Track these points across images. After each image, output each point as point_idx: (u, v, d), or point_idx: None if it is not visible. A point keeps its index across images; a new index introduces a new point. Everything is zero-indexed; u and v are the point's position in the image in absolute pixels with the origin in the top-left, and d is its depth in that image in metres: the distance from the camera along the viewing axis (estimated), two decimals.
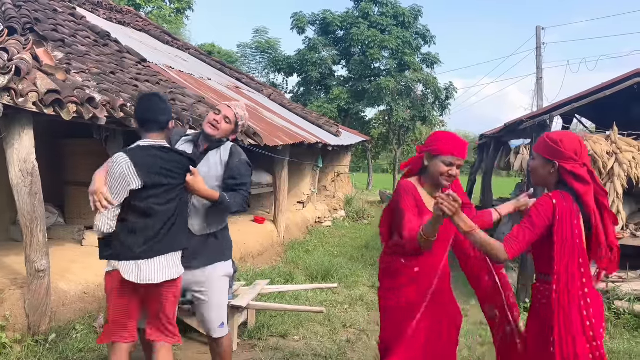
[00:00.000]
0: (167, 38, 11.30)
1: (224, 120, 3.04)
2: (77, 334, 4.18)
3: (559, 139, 2.34)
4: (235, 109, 3.10)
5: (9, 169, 3.74)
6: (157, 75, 6.36)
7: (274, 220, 8.24)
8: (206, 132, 3.04)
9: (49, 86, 3.69)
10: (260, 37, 27.18)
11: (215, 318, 3.14)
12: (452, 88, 23.86)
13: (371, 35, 22.34)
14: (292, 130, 8.52)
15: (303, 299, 5.62)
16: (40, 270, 3.88)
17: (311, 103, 22.80)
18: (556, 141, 2.33)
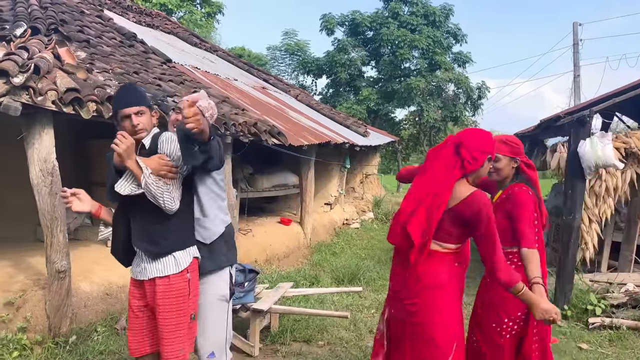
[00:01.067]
0: (195, 40, 11.33)
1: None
2: (98, 335, 4.14)
3: (514, 139, 2.86)
4: (200, 100, 2.73)
5: (30, 169, 3.71)
6: (182, 75, 6.32)
7: (300, 222, 8.11)
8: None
9: (68, 85, 3.64)
10: (289, 39, 27.17)
11: (204, 343, 2.74)
12: (484, 87, 23.34)
13: (401, 35, 22.05)
14: (319, 130, 8.38)
15: (328, 302, 5.46)
16: (61, 271, 3.84)
17: (340, 104, 22.65)
18: (514, 141, 2.84)
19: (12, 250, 5.00)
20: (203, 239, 2.69)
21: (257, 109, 6.94)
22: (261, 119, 6.02)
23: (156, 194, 2.38)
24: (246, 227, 7.13)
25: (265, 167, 7.96)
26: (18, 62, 3.44)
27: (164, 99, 4.71)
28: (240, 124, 5.35)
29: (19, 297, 3.96)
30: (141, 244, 2.51)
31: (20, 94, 3.39)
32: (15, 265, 4.58)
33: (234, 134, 5.24)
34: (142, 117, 2.47)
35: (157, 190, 2.37)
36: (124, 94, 2.52)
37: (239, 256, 6.14)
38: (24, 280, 4.20)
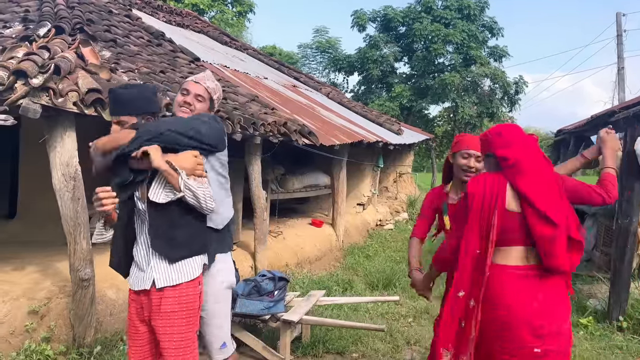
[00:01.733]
0: (225, 39, 11.22)
1: (196, 100, 2.57)
2: (124, 345, 3.98)
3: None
4: (205, 82, 2.63)
5: (52, 173, 3.58)
6: None
7: (332, 224, 7.87)
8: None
9: (90, 85, 3.49)
10: (320, 36, 26.98)
11: (218, 334, 2.65)
12: (522, 82, 22.58)
13: (434, 30, 21.55)
14: (351, 128, 8.11)
15: (362, 310, 5.20)
16: (84, 279, 3.70)
17: (372, 102, 22.30)
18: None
19: (41, 254, 4.92)
20: (215, 225, 2.56)
21: (287, 108, 6.72)
22: (291, 118, 5.80)
23: (199, 196, 2.21)
24: (277, 229, 6.93)
25: (296, 167, 7.75)
26: (38, 62, 3.29)
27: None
28: (270, 123, 5.13)
29: (43, 305, 3.85)
30: (162, 250, 2.29)
31: (40, 96, 3.25)
32: (42, 271, 4.48)
33: (263, 134, 5.03)
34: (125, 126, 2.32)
35: (200, 191, 2.21)
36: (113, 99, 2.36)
37: (269, 262, 6.00)
38: (49, 287, 4.09)
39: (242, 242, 6.01)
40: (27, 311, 3.77)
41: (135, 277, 2.39)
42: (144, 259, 2.34)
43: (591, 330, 4.80)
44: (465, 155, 2.71)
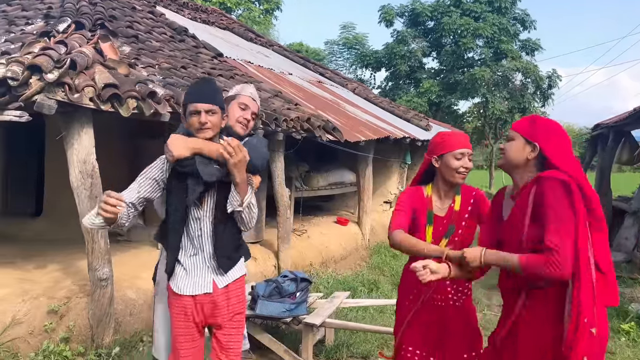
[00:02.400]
0: (250, 35, 11.13)
1: (251, 118, 2.59)
2: (143, 346, 3.91)
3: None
4: (258, 100, 2.68)
5: (69, 171, 3.51)
6: (233, 69, 6.05)
7: (358, 222, 7.69)
8: (237, 132, 2.50)
9: (106, 80, 3.40)
10: (347, 33, 26.70)
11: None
12: (555, 76, 21.89)
13: (464, 24, 21.06)
14: (377, 124, 7.90)
15: (389, 312, 5.00)
16: (103, 279, 3.63)
17: (400, 98, 21.96)
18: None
19: (64, 252, 4.89)
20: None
21: (311, 104, 6.57)
22: (315, 113, 5.64)
23: (254, 214, 2.32)
24: (301, 228, 6.79)
25: (321, 164, 7.58)
26: (53, 57, 3.22)
27: None
28: (292, 119, 4.99)
29: (63, 305, 3.80)
30: (221, 259, 2.36)
31: (56, 91, 3.17)
32: (63, 270, 4.45)
33: (286, 130, 4.89)
34: (212, 116, 2.26)
35: (255, 209, 2.33)
36: (199, 88, 2.33)
37: (293, 261, 5.86)
38: (70, 286, 4.04)
39: (266, 241, 5.89)
40: (47, 311, 3.72)
41: (189, 283, 2.36)
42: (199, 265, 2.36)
43: (633, 337, 4.51)
44: (459, 156, 2.38)
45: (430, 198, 2.49)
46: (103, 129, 5.96)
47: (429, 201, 2.48)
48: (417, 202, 2.47)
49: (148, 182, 2.32)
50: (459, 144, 2.40)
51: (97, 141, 5.97)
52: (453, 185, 2.45)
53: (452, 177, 2.41)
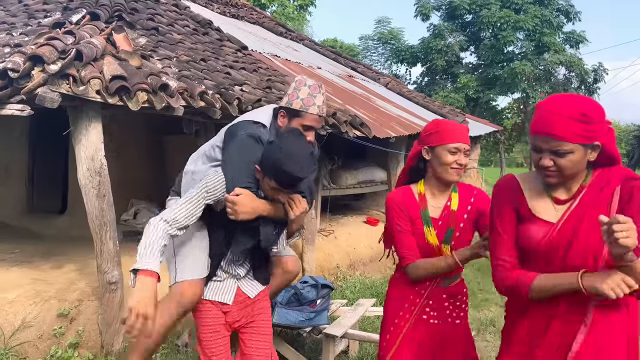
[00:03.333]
0: (280, 29, 10.90)
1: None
2: (157, 353, 3.71)
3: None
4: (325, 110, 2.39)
5: (77, 168, 3.33)
6: (257, 62, 5.81)
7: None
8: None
9: (114, 72, 3.19)
10: (382, 27, 26.26)
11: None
12: (601, 70, 20.86)
13: (504, 16, 20.30)
14: (409, 119, 7.52)
15: None
16: (112, 283, 3.44)
17: (436, 93, 21.39)
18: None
19: (83, 252, 4.75)
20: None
21: (339, 98, 6.26)
22: (342, 108, 5.33)
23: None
24: (328, 228, 6.50)
25: (350, 161, 7.27)
26: (58, 47, 3.03)
27: (230, 87, 4.18)
28: None
29: (74, 308, 3.64)
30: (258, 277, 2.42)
31: (59, 83, 2.99)
32: (79, 270, 4.30)
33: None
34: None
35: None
36: (300, 165, 2.03)
37: (318, 264, 5.58)
38: (83, 288, 3.88)
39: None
40: (57, 314, 3.57)
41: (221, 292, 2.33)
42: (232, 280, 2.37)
43: None
44: (454, 150, 2.06)
45: (423, 196, 2.15)
46: (129, 124, 5.88)
47: (422, 199, 2.14)
48: (409, 208, 2.12)
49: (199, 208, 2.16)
50: (455, 137, 2.07)
51: (123, 136, 5.94)
52: (447, 183, 2.13)
53: (444, 172, 2.08)
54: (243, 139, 2.17)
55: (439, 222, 2.11)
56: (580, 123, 1.51)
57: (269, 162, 2.03)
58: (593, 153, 1.58)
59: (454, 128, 2.11)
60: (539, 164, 1.61)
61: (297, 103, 2.26)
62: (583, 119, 1.51)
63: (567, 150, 1.53)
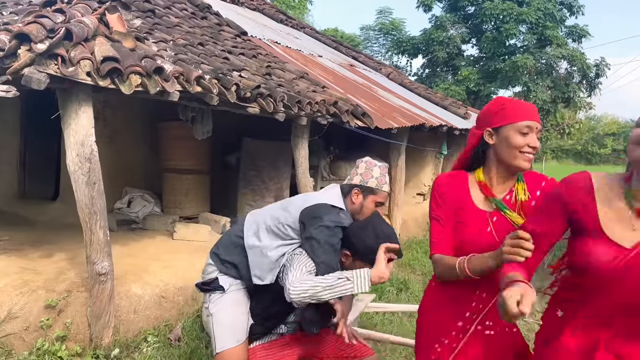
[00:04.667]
0: (281, 17, 10.70)
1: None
2: (147, 347, 3.58)
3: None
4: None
5: (67, 153, 3.17)
6: (256, 48, 5.64)
7: (388, 215, 7.21)
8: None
9: (106, 53, 3.03)
10: (384, 18, 26.00)
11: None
12: (603, 64, 20.62)
13: (507, 9, 20.01)
14: (411, 111, 7.37)
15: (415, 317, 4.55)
16: (102, 274, 3.29)
17: (437, 85, 21.17)
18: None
19: (74, 240, 4.61)
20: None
21: (340, 87, 6.10)
22: (343, 97, 5.18)
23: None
24: None
25: (350, 152, 7.12)
26: (46, 25, 2.86)
27: (228, 73, 4.02)
28: (318, 102, 4.54)
29: (62, 299, 3.50)
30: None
31: (47, 64, 2.82)
32: (69, 260, 4.17)
33: (310, 115, 4.45)
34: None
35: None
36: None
37: None
38: (72, 279, 3.74)
39: None
40: (45, 305, 3.44)
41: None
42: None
43: None
44: (526, 130, 1.71)
45: (484, 184, 1.81)
46: (124, 109, 5.72)
47: (484, 187, 1.80)
48: (461, 196, 1.80)
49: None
50: (524, 114, 1.72)
51: (117, 122, 5.78)
52: (514, 172, 1.78)
53: (514, 159, 1.72)
54: (331, 228, 2.31)
55: (494, 217, 1.78)
56: None
57: (365, 247, 2.25)
58: None
59: (522, 104, 1.77)
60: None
61: (373, 182, 2.46)
62: None
63: None
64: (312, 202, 2.43)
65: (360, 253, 2.27)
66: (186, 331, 3.80)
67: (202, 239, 4.99)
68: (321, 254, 2.27)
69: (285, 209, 2.50)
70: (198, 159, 5.70)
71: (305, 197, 2.58)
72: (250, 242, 2.50)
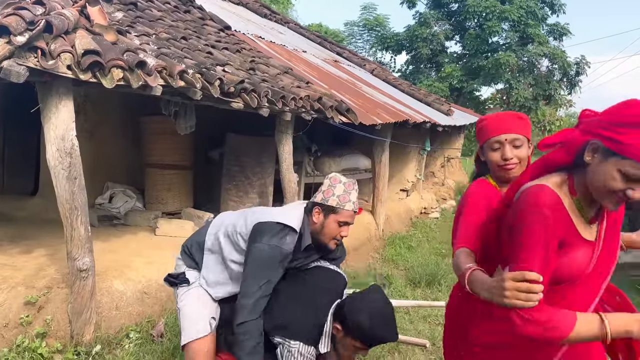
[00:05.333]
0: (265, 11, 10.64)
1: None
2: (130, 343, 3.55)
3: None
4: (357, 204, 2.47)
5: (47, 148, 3.13)
6: (240, 43, 5.61)
7: (372, 211, 7.25)
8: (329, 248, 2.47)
9: (87, 46, 2.98)
10: (368, 14, 26.07)
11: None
12: (583, 62, 20.96)
13: (490, 6, 20.22)
14: (395, 107, 7.40)
15: (402, 311, 4.60)
16: (82, 270, 3.26)
17: (420, 82, 21.31)
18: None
19: (54, 235, 4.56)
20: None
21: (324, 82, 6.10)
22: (328, 93, 5.17)
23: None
24: None
25: (334, 148, 7.13)
26: (26, 17, 2.81)
27: (211, 67, 3.99)
28: (302, 98, 4.54)
29: (42, 296, 3.46)
30: None
31: (27, 57, 2.77)
32: (49, 255, 4.12)
33: (294, 110, 4.44)
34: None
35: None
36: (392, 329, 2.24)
37: None
38: (52, 275, 3.70)
39: None
40: (24, 301, 3.39)
41: None
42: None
43: None
44: (496, 145, 1.87)
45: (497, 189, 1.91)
46: (105, 103, 5.64)
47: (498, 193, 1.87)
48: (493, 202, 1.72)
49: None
50: (494, 130, 1.88)
51: (98, 116, 5.70)
52: (505, 181, 1.89)
53: (496, 172, 1.90)
54: (265, 252, 2.27)
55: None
56: None
57: (358, 327, 2.13)
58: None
59: (496, 120, 1.90)
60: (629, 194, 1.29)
61: (334, 200, 2.34)
62: None
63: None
64: (267, 218, 2.37)
65: (352, 330, 2.17)
66: (169, 327, 3.78)
67: (185, 234, 4.95)
68: (249, 269, 2.30)
69: (245, 217, 2.46)
70: (181, 154, 5.66)
71: (265, 211, 2.51)
72: (208, 243, 2.50)
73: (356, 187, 2.43)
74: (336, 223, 2.35)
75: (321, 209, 2.37)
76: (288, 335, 2.26)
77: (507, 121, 1.89)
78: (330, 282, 2.46)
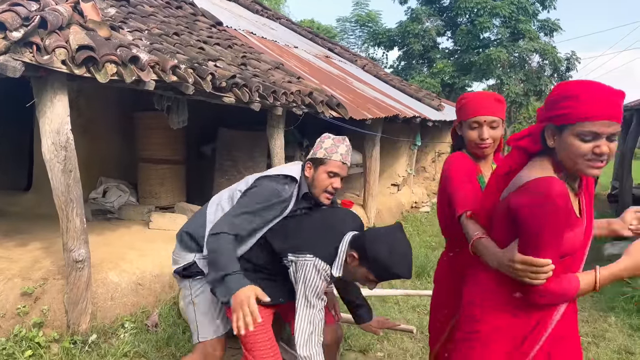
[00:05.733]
0: (257, 7, 10.69)
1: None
2: (125, 333, 3.63)
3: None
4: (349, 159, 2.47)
5: (42, 142, 3.19)
6: (232, 39, 5.67)
7: (363, 205, 7.34)
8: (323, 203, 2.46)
9: (81, 42, 3.05)
10: (360, 9, 26.06)
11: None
12: (574, 58, 21.13)
13: (481, 2, 20.29)
14: (386, 102, 7.49)
15: (391, 302, 4.71)
16: (78, 261, 3.33)
17: (412, 78, 21.38)
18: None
19: (49, 229, 4.63)
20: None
21: (315, 78, 6.18)
22: (318, 88, 5.26)
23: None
24: None
25: None
26: (21, 13, 2.87)
27: (203, 62, 4.06)
28: (293, 93, 4.62)
29: (38, 287, 3.53)
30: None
31: (22, 52, 2.83)
32: (45, 248, 4.18)
33: (285, 105, 4.52)
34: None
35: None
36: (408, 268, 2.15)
37: None
38: (48, 267, 3.77)
39: None
40: (21, 292, 3.46)
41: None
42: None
43: None
44: (474, 125, 2.04)
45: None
46: (98, 99, 5.69)
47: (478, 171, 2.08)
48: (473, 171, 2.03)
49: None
50: (474, 111, 2.03)
51: (91, 112, 5.75)
52: (478, 156, 2.10)
53: (472, 149, 2.07)
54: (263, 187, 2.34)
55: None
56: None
57: (376, 258, 2.10)
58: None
59: (476, 100, 2.05)
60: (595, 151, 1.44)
61: (321, 152, 2.39)
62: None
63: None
64: (268, 173, 2.46)
65: (368, 260, 2.12)
66: (163, 317, 3.86)
67: (178, 228, 5.03)
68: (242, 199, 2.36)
69: (246, 179, 2.53)
70: (173, 149, 5.72)
71: (264, 171, 2.59)
72: (211, 217, 2.52)
73: (347, 142, 2.45)
74: (326, 174, 2.37)
75: (312, 163, 2.43)
76: (303, 249, 2.20)
77: (486, 103, 2.04)
78: (350, 216, 2.48)
